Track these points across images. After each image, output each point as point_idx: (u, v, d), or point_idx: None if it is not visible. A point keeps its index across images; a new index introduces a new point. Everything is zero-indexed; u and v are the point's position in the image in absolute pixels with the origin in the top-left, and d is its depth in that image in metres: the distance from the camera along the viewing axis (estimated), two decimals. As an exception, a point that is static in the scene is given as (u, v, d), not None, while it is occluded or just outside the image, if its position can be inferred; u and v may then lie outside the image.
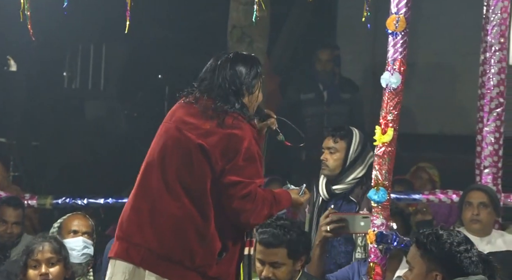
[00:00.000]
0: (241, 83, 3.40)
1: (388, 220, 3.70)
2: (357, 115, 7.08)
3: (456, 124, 7.77)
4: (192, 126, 3.34)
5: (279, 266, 3.77)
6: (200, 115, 3.35)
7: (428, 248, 3.15)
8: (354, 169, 4.32)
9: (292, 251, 3.76)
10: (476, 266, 3.12)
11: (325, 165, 4.33)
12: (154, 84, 8.18)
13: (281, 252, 3.75)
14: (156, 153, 3.37)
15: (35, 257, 3.90)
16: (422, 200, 5.17)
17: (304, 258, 3.82)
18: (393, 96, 3.56)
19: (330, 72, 6.99)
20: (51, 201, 5.56)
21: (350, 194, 4.33)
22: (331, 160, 4.32)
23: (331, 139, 4.35)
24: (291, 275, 3.79)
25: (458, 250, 3.12)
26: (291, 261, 3.77)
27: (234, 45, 6.09)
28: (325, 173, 4.35)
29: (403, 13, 3.58)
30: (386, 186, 3.63)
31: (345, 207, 4.33)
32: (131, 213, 3.34)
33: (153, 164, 3.35)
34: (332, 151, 4.33)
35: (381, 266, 3.72)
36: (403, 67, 3.57)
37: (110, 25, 6.86)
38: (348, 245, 4.29)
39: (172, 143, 3.35)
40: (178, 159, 3.32)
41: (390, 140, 3.58)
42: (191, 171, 3.30)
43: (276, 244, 3.75)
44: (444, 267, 3.13)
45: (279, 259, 3.76)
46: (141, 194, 3.35)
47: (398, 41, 3.56)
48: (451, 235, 3.16)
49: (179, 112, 3.41)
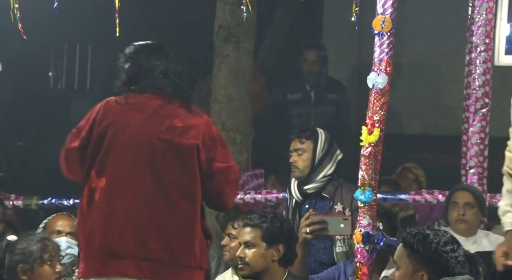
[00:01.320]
0: (179, 71, 3.36)
1: (374, 220, 3.71)
2: (343, 116, 7.10)
3: (442, 124, 7.80)
4: (165, 128, 3.28)
5: (251, 247, 3.81)
6: (164, 114, 3.29)
7: (414, 247, 3.16)
8: (323, 167, 4.40)
9: (267, 233, 3.80)
10: (462, 266, 3.13)
11: (294, 167, 4.42)
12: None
13: (255, 232, 3.81)
14: (131, 164, 3.23)
15: (53, 254, 3.81)
16: (408, 200, 5.19)
17: (281, 248, 3.81)
18: (379, 96, 3.57)
19: (317, 72, 7.01)
20: (37, 202, 5.54)
21: (322, 191, 4.41)
22: (300, 161, 4.40)
23: (297, 141, 4.45)
24: (264, 262, 3.80)
25: (444, 250, 3.13)
26: (264, 244, 3.80)
27: (221, 45, 6.09)
28: (296, 175, 4.43)
29: (389, 14, 3.59)
30: (373, 186, 3.64)
31: (319, 204, 4.41)
32: (123, 228, 3.22)
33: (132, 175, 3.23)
34: (300, 153, 4.41)
35: (368, 266, 3.72)
36: (389, 68, 3.58)
37: (96, 25, 6.85)
38: (326, 241, 4.33)
39: (151, 151, 3.25)
40: (168, 164, 3.26)
41: (377, 140, 3.58)
42: (183, 172, 3.26)
43: (251, 224, 3.84)
44: (430, 267, 3.14)
45: (252, 239, 3.81)
46: (128, 207, 3.23)
47: (384, 41, 3.57)
48: (438, 235, 3.17)
49: (136, 117, 3.26)
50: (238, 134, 6.07)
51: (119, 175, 3.24)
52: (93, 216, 3.25)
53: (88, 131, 3.30)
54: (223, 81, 6.10)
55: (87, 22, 7.14)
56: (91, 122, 3.30)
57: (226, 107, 6.07)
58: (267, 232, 3.80)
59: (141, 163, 3.26)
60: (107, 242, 3.23)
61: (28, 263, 3.60)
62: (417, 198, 5.14)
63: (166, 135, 3.28)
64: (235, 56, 6.06)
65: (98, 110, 3.31)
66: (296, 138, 4.45)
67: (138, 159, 3.25)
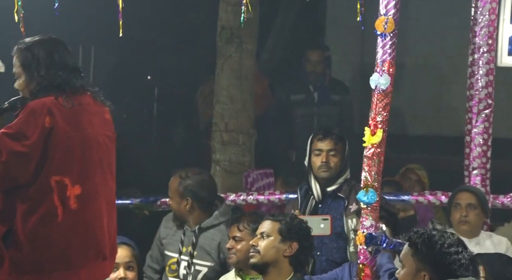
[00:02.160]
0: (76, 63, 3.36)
1: (377, 221, 3.71)
2: (347, 117, 7.10)
3: (445, 125, 7.80)
4: (105, 125, 3.33)
5: (266, 237, 3.88)
6: (98, 111, 3.32)
7: (419, 247, 3.16)
8: (346, 170, 4.46)
9: (284, 227, 3.87)
10: (466, 269, 3.12)
11: (327, 167, 4.42)
12: (143, 85, 8.17)
13: (273, 224, 3.90)
14: (97, 166, 3.25)
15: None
16: (411, 201, 5.18)
17: (294, 246, 3.86)
18: (382, 97, 3.56)
19: (320, 73, 7.00)
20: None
21: (338, 191, 4.41)
22: (332, 161, 4.42)
23: (332, 142, 4.44)
24: (275, 254, 3.84)
25: (447, 252, 3.13)
26: (279, 237, 3.86)
27: (223, 46, 6.09)
28: (325, 176, 4.43)
29: (391, 15, 3.58)
30: (375, 187, 3.63)
31: (333, 203, 4.43)
32: (100, 231, 3.26)
33: (100, 179, 3.26)
34: (333, 153, 4.42)
35: (371, 267, 3.72)
36: (392, 69, 3.57)
37: (99, 26, 6.85)
38: (339, 240, 4.35)
39: (106, 150, 3.29)
40: (114, 161, 3.33)
41: (380, 141, 3.58)
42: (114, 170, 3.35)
43: (271, 218, 3.95)
44: (432, 267, 3.14)
45: (268, 230, 3.89)
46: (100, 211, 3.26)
47: (387, 42, 3.56)
48: (443, 237, 3.16)
49: (86, 118, 3.25)
50: (241, 135, 6.07)
51: (90, 180, 3.23)
52: (69, 224, 3.18)
53: (40, 136, 3.15)
54: (226, 82, 6.10)
55: (90, 23, 7.15)
56: (41, 127, 3.15)
57: (228, 108, 6.06)
58: (284, 226, 3.89)
59: (103, 164, 3.29)
60: (90, 247, 3.23)
61: None
62: (420, 199, 5.14)
63: (108, 131, 3.34)
64: (237, 57, 6.06)
65: (46, 114, 3.16)
66: (329, 138, 4.43)
67: (100, 161, 3.28)
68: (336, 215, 4.39)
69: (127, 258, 3.91)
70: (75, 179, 3.18)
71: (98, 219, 3.25)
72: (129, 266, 3.91)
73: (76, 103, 3.23)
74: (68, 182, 3.16)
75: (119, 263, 3.88)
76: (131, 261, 3.92)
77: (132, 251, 3.95)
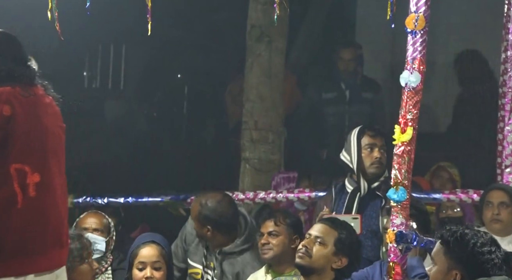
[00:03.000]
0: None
1: (407, 219, 3.69)
2: (379, 115, 7.06)
3: (477, 123, 7.72)
4: (58, 115, 3.35)
5: (321, 244, 3.83)
6: (50, 102, 3.34)
7: (451, 246, 3.14)
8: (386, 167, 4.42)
9: (340, 240, 3.83)
10: (500, 268, 3.09)
11: (380, 163, 4.40)
12: (173, 84, 8.20)
13: (331, 233, 3.85)
14: (53, 156, 3.28)
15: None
16: (442, 200, 5.15)
17: (344, 261, 3.83)
18: (412, 95, 3.55)
19: (352, 71, 6.97)
20: (72, 200, 5.60)
21: (376, 190, 4.39)
22: (384, 158, 4.39)
23: (381, 138, 4.42)
24: (325, 263, 3.81)
25: (480, 251, 3.10)
26: (333, 249, 3.83)
27: (253, 44, 6.11)
28: (378, 172, 4.39)
29: (422, 12, 3.56)
30: (406, 185, 3.61)
31: (370, 202, 4.42)
32: (57, 220, 3.26)
33: (55, 168, 3.29)
34: (384, 150, 4.40)
35: (401, 265, 3.70)
36: (422, 66, 3.55)
37: (130, 25, 6.90)
38: (374, 239, 4.35)
39: (59, 140, 3.34)
40: (64, 154, 3.37)
41: (410, 139, 3.56)
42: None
43: (330, 225, 3.88)
44: (464, 266, 3.12)
45: (326, 237, 3.84)
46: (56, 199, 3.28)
47: (417, 40, 3.54)
48: (476, 236, 3.14)
49: (42, 109, 3.28)
50: (271, 133, 6.08)
51: (47, 169, 3.26)
52: (28, 212, 3.20)
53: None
54: (256, 80, 6.11)
55: (121, 23, 7.20)
56: (0, 116, 3.17)
57: (258, 106, 6.07)
58: (340, 239, 3.84)
59: (58, 154, 3.33)
60: (49, 235, 3.23)
61: (69, 261, 3.60)
62: (451, 198, 5.10)
63: (60, 122, 3.38)
64: (267, 55, 6.07)
65: (4, 102, 3.18)
66: (380, 135, 4.42)
67: (55, 151, 3.31)
68: (372, 213, 4.38)
69: (154, 258, 3.89)
70: (35, 167, 3.21)
71: (55, 207, 3.27)
72: (156, 266, 3.89)
73: (32, 93, 3.28)
74: (28, 170, 3.20)
75: (146, 262, 3.87)
76: (158, 261, 3.89)
77: (160, 251, 3.91)
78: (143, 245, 3.94)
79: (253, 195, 5.37)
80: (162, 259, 3.92)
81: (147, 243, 3.94)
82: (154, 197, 5.56)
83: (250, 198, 5.34)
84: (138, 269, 3.90)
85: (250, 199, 5.34)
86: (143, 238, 4.03)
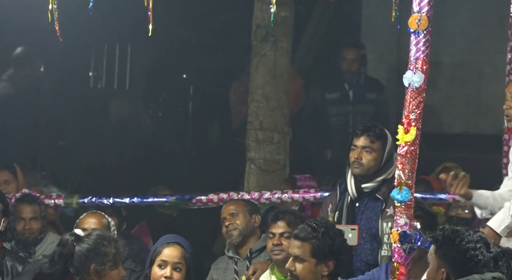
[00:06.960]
0: None
1: (411, 219, 3.69)
2: (382, 115, 7.05)
3: (482, 123, 7.71)
4: None
5: (301, 262, 3.79)
6: None
7: (439, 244, 3.13)
8: (386, 170, 4.36)
9: (316, 250, 3.77)
10: (486, 266, 3.05)
11: (358, 163, 4.33)
12: (178, 84, 8.21)
13: (304, 247, 3.79)
14: None
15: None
16: (448, 200, 5.13)
17: (331, 264, 3.80)
18: (415, 95, 3.54)
19: (355, 71, 6.97)
20: (77, 200, 5.60)
21: (376, 192, 4.35)
22: (365, 159, 4.32)
23: (367, 138, 4.35)
24: (314, 277, 3.79)
25: (465, 248, 3.07)
26: (314, 260, 3.79)
27: (258, 44, 6.10)
28: (357, 172, 4.34)
29: (425, 12, 3.55)
30: (409, 185, 3.61)
31: (371, 204, 4.37)
32: None
33: None
34: (368, 150, 4.34)
35: (405, 266, 3.69)
36: (425, 66, 3.55)
37: (135, 25, 6.90)
38: (373, 242, 4.31)
39: None
40: None
41: (413, 139, 3.55)
42: None
43: (301, 238, 3.81)
44: (451, 264, 3.10)
45: (301, 254, 3.79)
46: None
47: (420, 40, 3.54)
48: (464, 234, 3.12)
49: None
50: (276, 133, 6.08)
51: None
52: None
53: None
54: (261, 80, 6.11)
55: (126, 23, 7.21)
56: None
57: (263, 106, 6.07)
58: (316, 249, 3.79)
59: None
60: None
61: (103, 264, 3.60)
62: (457, 198, 5.08)
63: None
64: (272, 55, 6.07)
65: None
66: (365, 135, 4.35)
67: None
68: (372, 216, 4.35)
69: (176, 259, 3.89)
70: None
71: None
72: (176, 267, 3.89)
73: None
74: None
75: (168, 262, 3.88)
76: (180, 262, 3.89)
77: (183, 253, 3.91)
78: (167, 244, 3.94)
79: (258, 195, 5.37)
80: (184, 262, 3.92)
81: (171, 243, 3.95)
82: (160, 198, 5.57)
83: (255, 198, 5.34)
84: (158, 266, 3.90)
85: (255, 199, 5.33)
86: (168, 238, 4.02)
